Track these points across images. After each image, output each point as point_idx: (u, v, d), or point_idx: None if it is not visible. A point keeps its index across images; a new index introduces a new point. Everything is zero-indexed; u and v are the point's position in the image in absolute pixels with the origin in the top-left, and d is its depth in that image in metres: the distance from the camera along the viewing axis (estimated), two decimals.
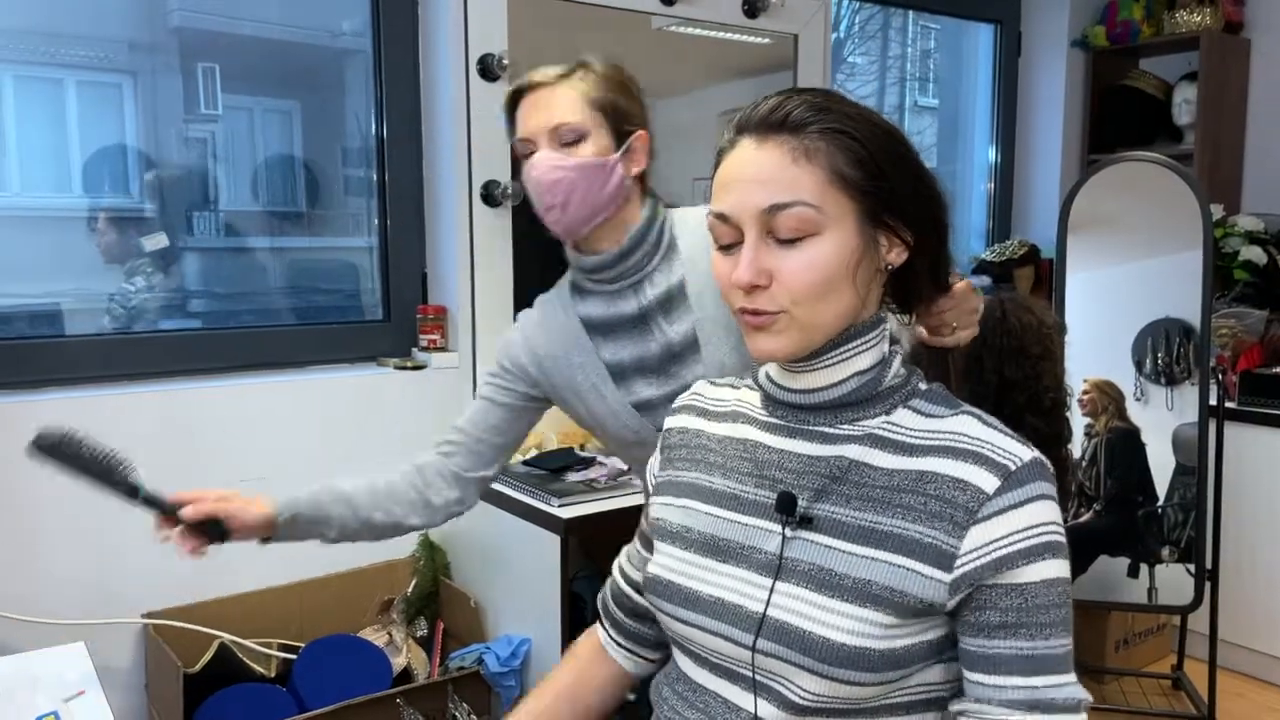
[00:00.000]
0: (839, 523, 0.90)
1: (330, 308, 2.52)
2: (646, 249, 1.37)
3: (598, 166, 1.31)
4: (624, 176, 1.34)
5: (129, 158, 2.27)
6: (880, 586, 0.86)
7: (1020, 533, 0.85)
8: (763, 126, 0.90)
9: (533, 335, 1.47)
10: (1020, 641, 0.85)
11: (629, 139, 1.34)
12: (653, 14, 2.59)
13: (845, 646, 0.85)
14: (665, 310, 1.37)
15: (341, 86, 2.54)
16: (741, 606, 0.91)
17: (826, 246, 0.88)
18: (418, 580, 2.27)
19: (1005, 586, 0.85)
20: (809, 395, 0.95)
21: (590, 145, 1.31)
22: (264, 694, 1.92)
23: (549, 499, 1.95)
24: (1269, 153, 3.53)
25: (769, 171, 0.88)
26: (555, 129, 1.30)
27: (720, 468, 1.00)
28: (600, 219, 1.34)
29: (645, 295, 1.37)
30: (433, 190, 2.41)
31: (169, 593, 2.02)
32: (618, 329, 1.40)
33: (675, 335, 1.36)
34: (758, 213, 0.88)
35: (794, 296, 0.89)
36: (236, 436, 2.10)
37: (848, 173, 0.88)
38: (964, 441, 0.89)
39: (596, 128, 1.31)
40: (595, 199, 1.32)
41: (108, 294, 2.22)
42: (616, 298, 1.39)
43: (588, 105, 1.31)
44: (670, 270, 1.37)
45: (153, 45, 2.29)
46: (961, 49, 3.99)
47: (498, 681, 2.00)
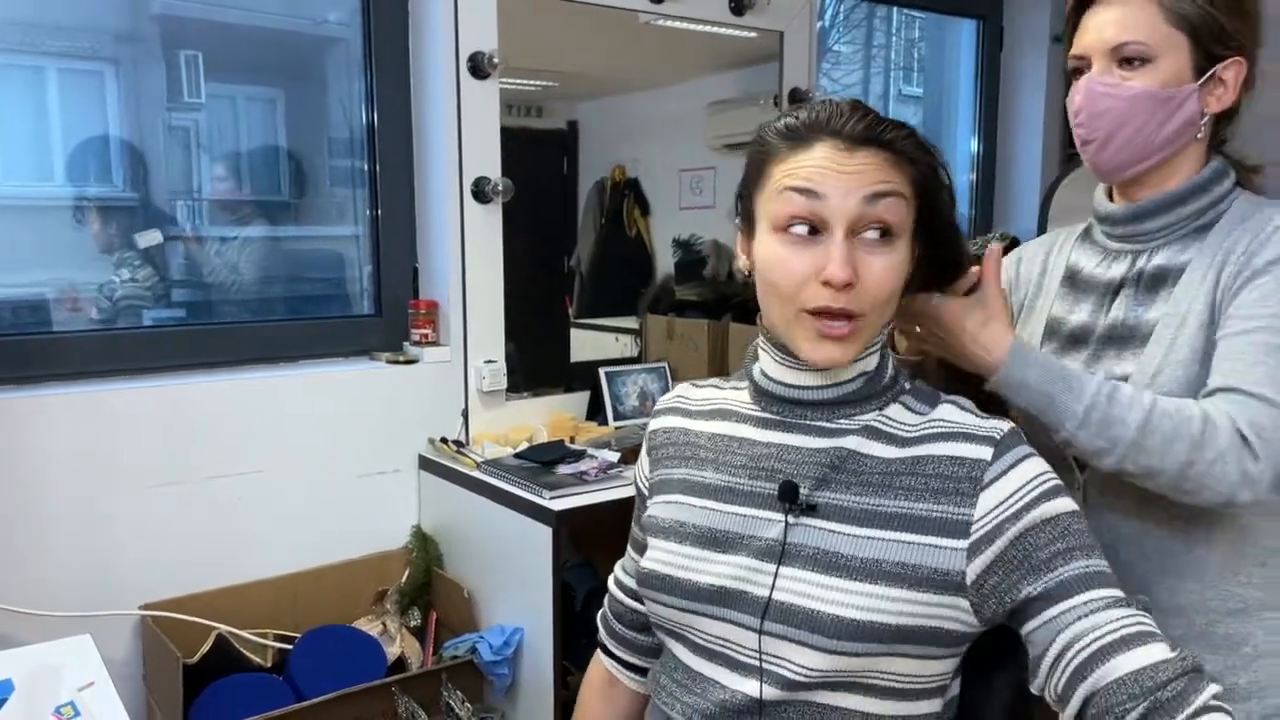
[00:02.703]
0: (842, 508, 0.94)
1: (317, 297, 2.54)
2: (1185, 214, 1.12)
3: (1160, 99, 1.07)
4: (1197, 113, 1.08)
5: (111, 146, 2.27)
6: (891, 564, 0.90)
7: (1026, 485, 0.90)
8: (854, 137, 0.92)
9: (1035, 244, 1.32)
10: (1079, 562, 0.88)
11: (1218, 66, 1.08)
12: (640, 11, 2.62)
13: (857, 621, 0.88)
14: (1146, 287, 1.14)
15: (326, 76, 2.54)
16: (746, 593, 0.94)
17: (901, 253, 0.94)
18: (411, 571, 2.30)
19: (1038, 525, 0.89)
20: (810, 391, 0.98)
21: (1157, 71, 1.07)
22: (261, 684, 1.95)
23: (540, 491, 1.98)
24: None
25: (865, 168, 0.91)
26: (1117, 47, 1.08)
27: (712, 463, 1.03)
28: (1146, 165, 1.11)
29: (1139, 264, 1.15)
30: (423, 185, 2.43)
31: (166, 584, 2.04)
32: (1089, 290, 1.19)
33: (1132, 318, 1.13)
34: (858, 200, 0.90)
35: (874, 300, 0.92)
36: (229, 431, 2.12)
37: (922, 182, 0.94)
38: (949, 426, 0.95)
39: (1172, 49, 1.07)
40: (1148, 139, 1.08)
41: (94, 285, 2.22)
42: (1114, 258, 1.18)
43: (1167, 20, 1.06)
44: (1185, 249, 1.12)
45: (134, 33, 2.29)
46: (944, 41, 4.03)
47: (490, 670, 2.04)
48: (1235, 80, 1.09)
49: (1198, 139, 1.11)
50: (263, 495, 2.17)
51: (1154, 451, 0.97)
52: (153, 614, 2.00)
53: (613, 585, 1.19)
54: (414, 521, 2.37)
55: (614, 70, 2.80)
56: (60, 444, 1.94)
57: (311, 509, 2.23)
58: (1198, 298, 1.08)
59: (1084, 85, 1.10)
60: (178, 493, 2.07)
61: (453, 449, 2.29)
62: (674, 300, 2.95)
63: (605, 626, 1.19)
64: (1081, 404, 0.99)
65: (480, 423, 2.43)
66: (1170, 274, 1.12)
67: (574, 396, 2.63)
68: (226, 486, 2.13)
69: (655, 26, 2.68)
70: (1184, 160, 1.11)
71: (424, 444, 2.36)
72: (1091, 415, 0.99)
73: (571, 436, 2.44)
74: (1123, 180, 1.14)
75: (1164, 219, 1.12)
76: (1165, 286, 1.12)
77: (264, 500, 2.17)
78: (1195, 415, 0.98)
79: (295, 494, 2.21)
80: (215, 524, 2.12)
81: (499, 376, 2.42)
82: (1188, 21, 1.06)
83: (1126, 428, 0.98)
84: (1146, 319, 1.12)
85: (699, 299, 2.88)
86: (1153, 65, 1.07)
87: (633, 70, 2.82)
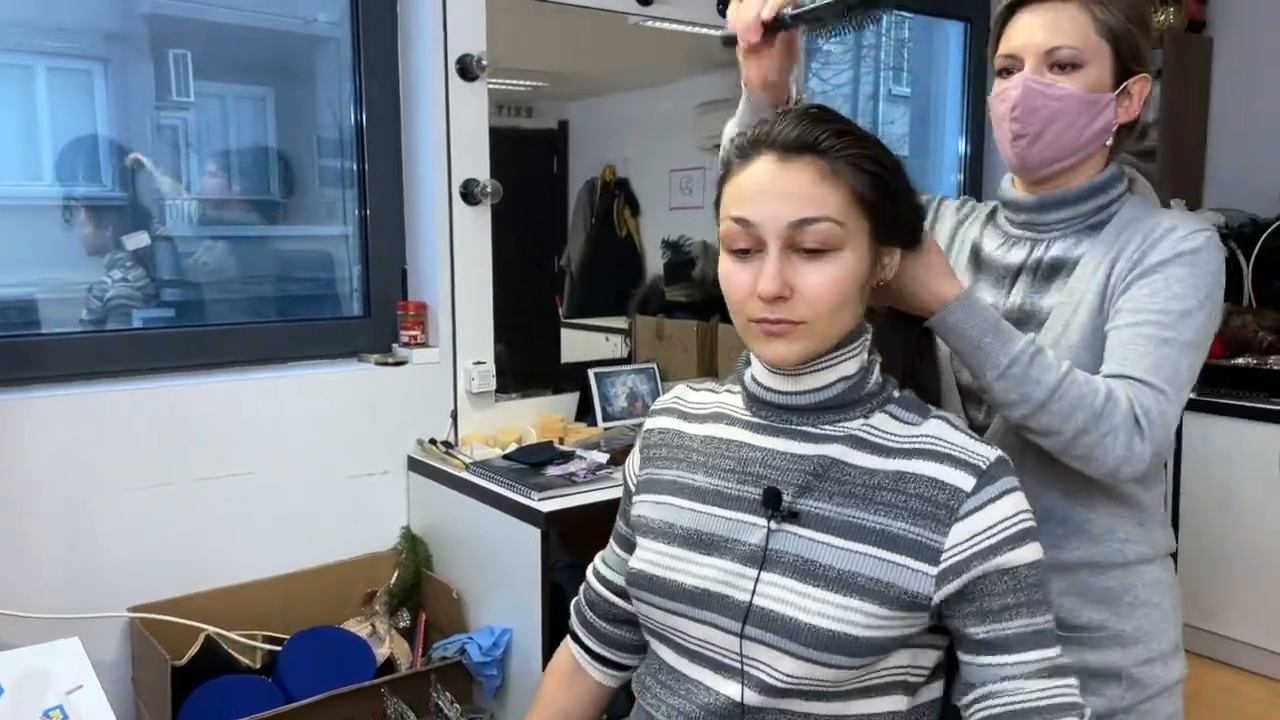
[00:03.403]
0: (823, 518, 0.95)
1: (306, 298, 2.54)
2: (1083, 211, 1.20)
3: (1088, 102, 1.14)
4: (1111, 121, 1.16)
5: (100, 146, 2.27)
6: (867, 578, 0.91)
7: (1001, 524, 0.92)
8: (787, 146, 0.94)
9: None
10: (1025, 619, 0.93)
11: (1129, 80, 1.16)
12: (629, 13, 2.62)
13: (830, 632, 0.90)
14: (1043, 276, 1.22)
15: (315, 75, 2.54)
16: (728, 596, 0.96)
17: (846, 263, 0.94)
18: (400, 572, 2.31)
19: (998, 573, 0.92)
20: (795, 397, 0.99)
21: (1086, 76, 1.13)
22: (250, 685, 1.95)
23: (529, 493, 1.99)
24: (1230, 150, 3.61)
25: (798, 188, 0.93)
26: (1051, 50, 1.13)
27: (702, 466, 1.05)
28: (1066, 164, 1.18)
29: (1036, 252, 1.23)
30: (412, 187, 2.44)
31: (154, 586, 2.04)
32: (990, 271, 1.27)
33: (1029, 303, 1.21)
34: (785, 225, 0.92)
35: (814, 309, 0.93)
36: (218, 433, 2.13)
37: (867, 195, 0.94)
38: (937, 445, 0.96)
39: (1099, 57, 1.14)
40: (1073, 139, 1.15)
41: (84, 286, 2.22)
42: (1013, 244, 1.26)
43: (1097, 30, 1.13)
44: (1079, 243, 1.20)
45: (123, 32, 2.29)
46: (933, 42, 4.05)
47: (479, 671, 2.05)
48: (1140, 95, 1.18)
49: (1105, 146, 1.19)
50: (251, 497, 2.17)
51: (1057, 414, 1.04)
52: (141, 616, 2.00)
53: (590, 574, 1.20)
54: (403, 523, 2.38)
55: (604, 71, 2.81)
56: (48, 446, 1.94)
57: (300, 510, 2.23)
58: (1090, 288, 1.16)
59: (1020, 82, 1.15)
60: (166, 494, 2.07)
61: (442, 450, 2.29)
62: (663, 301, 2.96)
63: (578, 614, 1.20)
64: (1007, 356, 1.05)
65: (469, 424, 2.43)
66: (1065, 265, 1.20)
67: (563, 398, 2.64)
68: (215, 488, 2.13)
69: (644, 27, 2.69)
70: (1089, 164, 1.20)
71: (413, 445, 2.37)
72: (1013, 369, 1.05)
73: (561, 438, 2.45)
74: (1040, 177, 1.21)
75: (1065, 213, 1.21)
76: (1060, 276, 1.20)
77: (253, 502, 2.17)
78: (1100, 390, 1.05)
79: (284, 495, 2.21)
80: (204, 526, 2.12)
81: (488, 378, 2.43)
82: (1113, 34, 1.14)
83: (1039, 387, 1.04)
84: (1042, 305, 1.20)
85: (688, 300, 2.89)
86: (1082, 71, 1.14)
87: (623, 71, 2.83)
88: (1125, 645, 1.18)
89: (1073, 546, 1.19)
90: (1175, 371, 1.08)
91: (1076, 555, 1.19)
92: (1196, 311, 1.10)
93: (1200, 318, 1.10)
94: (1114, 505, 1.19)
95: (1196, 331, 1.10)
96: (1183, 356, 1.09)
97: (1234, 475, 3.03)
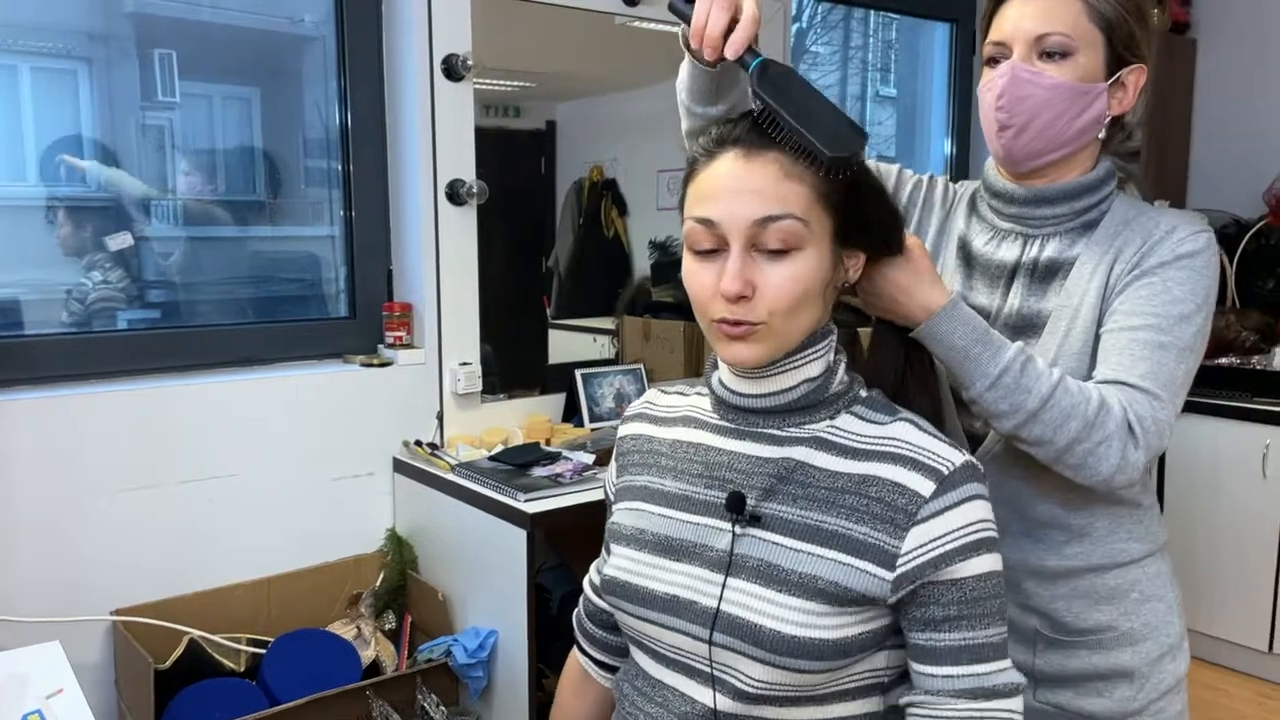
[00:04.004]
0: (786, 521, 0.95)
1: (291, 299, 2.52)
2: (1077, 209, 1.16)
3: (1078, 92, 1.09)
4: (1103, 112, 1.12)
5: (84, 146, 2.25)
6: (826, 581, 0.91)
7: (955, 532, 0.91)
8: (750, 144, 0.93)
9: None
10: (962, 633, 0.91)
11: (1124, 70, 1.11)
12: (615, 14, 2.62)
13: (795, 638, 0.90)
14: (1039, 278, 1.18)
15: (301, 75, 2.53)
16: (696, 603, 0.95)
17: (808, 261, 0.93)
18: (385, 574, 2.30)
19: (945, 583, 0.91)
20: (760, 399, 0.99)
21: (1076, 65, 1.09)
22: (235, 688, 1.94)
23: (515, 494, 1.98)
24: (1213, 150, 3.63)
25: (760, 185, 0.92)
26: (1040, 38, 1.09)
27: (672, 471, 1.04)
28: (1054, 156, 1.13)
29: (1030, 251, 1.19)
30: (397, 188, 2.43)
31: (138, 589, 2.03)
32: (983, 271, 1.23)
33: (1027, 307, 1.18)
34: (748, 224, 0.91)
35: (774, 308, 0.92)
36: (205, 434, 2.11)
37: (830, 193, 0.93)
38: (902, 447, 0.95)
39: (1090, 46, 1.09)
40: (1061, 130, 1.11)
41: (64, 287, 2.20)
42: (1002, 239, 1.21)
43: (1088, 16, 1.09)
44: (1073, 243, 1.16)
45: (108, 32, 2.27)
46: (918, 44, 4.06)
47: (465, 673, 2.04)
48: (1135, 86, 1.13)
49: (1098, 139, 1.15)
50: (236, 499, 2.16)
51: (1050, 423, 1.03)
52: (124, 619, 1.98)
53: (586, 584, 1.20)
54: (388, 525, 2.37)
55: (592, 71, 2.81)
56: (29, 448, 1.93)
57: (285, 512, 2.22)
58: (1089, 291, 1.13)
59: (1008, 70, 1.11)
60: (150, 497, 2.06)
61: (427, 452, 2.28)
62: (650, 302, 2.95)
63: (579, 626, 1.21)
64: (997, 366, 1.04)
65: (455, 425, 2.43)
66: (1061, 266, 1.16)
67: (549, 398, 2.63)
68: (199, 490, 2.12)
69: (631, 28, 2.69)
70: (1080, 159, 1.15)
71: (398, 447, 2.36)
72: (1004, 379, 1.03)
73: (547, 439, 2.45)
74: (1027, 170, 1.16)
75: (1059, 209, 1.16)
76: (1057, 278, 1.16)
77: (237, 504, 2.16)
78: (1094, 398, 1.03)
79: (268, 497, 2.20)
80: (188, 528, 2.10)
81: (474, 379, 2.42)
82: (1106, 21, 1.09)
83: (1032, 396, 1.03)
84: (1040, 309, 1.17)
85: (675, 301, 2.89)
86: (1072, 59, 1.09)
87: (610, 71, 2.83)
88: (1135, 643, 1.18)
89: (1076, 552, 1.18)
90: (1172, 377, 1.07)
91: (1080, 560, 1.18)
92: (1194, 315, 1.09)
93: (1198, 321, 1.09)
94: (1113, 507, 1.18)
95: (1194, 336, 1.09)
96: (1180, 361, 1.08)
97: (1218, 474, 3.05)
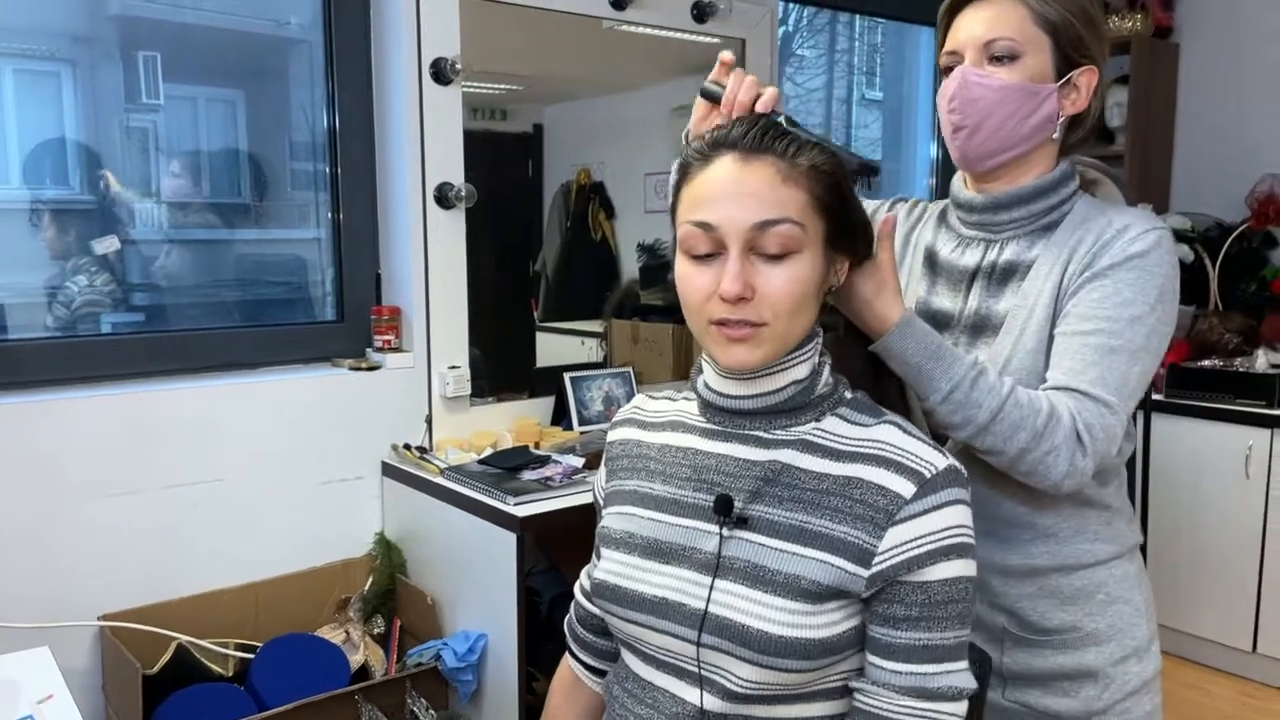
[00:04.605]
0: (772, 522, 0.96)
1: (278, 302, 2.52)
2: (1035, 210, 1.20)
3: (1027, 92, 1.14)
4: (1055, 112, 1.16)
5: (68, 148, 2.24)
6: (810, 581, 0.92)
7: (930, 535, 0.92)
8: (748, 147, 0.95)
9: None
10: (917, 634, 0.93)
11: (1074, 72, 1.16)
12: (603, 18, 2.63)
13: (782, 638, 0.91)
14: (997, 280, 1.22)
15: (287, 78, 2.52)
16: (684, 605, 0.97)
17: (805, 265, 0.95)
18: (374, 578, 2.30)
19: (912, 584, 0.93)
20: (747, 401, 1.00)
21: (1024, 67, 1.14)
22: (223, 694, 1.94)
23: (505, 497, 1.98)
24: (1196, 154, 3.67)
25: (758, 188, 0.93)
26: (988, 43, 1.15)
27: (660, 474, 1.06)
28: (1009, 155, 1.17)
29: (990, 255, 1.23)
30: (386, 191, 2.43)
31: (125, 595, 2.02)
32: (946, 275, 1.27)
33: (984, 308, 1.22)
34: (747, 227, 0.93)
35: (775, 311, 0.94)
36: (190, 439, 2.11)
37: (825, 197, 0.95)
38: (885, 450, 0.96)
39: (1037, 48, 1.14)
40: (1012, 130, 1.15)
41: (49, 291, 2.19)
42: (967, 245, 1.26)
43: (1034, 21, 1.14)
44: (1032, 245, 1.20)
45: (91, 34, 2.26)
46: (904, 47, 4.09)
47: (455, 676, 2.04)
48: (1087, 87, 1.18)
49: (1053, 139, 1.18)
50: (224, 503, 2.15)
51: (999, 435, 1.07)
52: (112, 624, 1.97)
53: (577, 590, 1.21)
54: (377, 528, 2.37)
55: (579, 74, 2.81)
56: (14, 452, 1.91)
57: (273, 517, 2.22)
58: (1044, 291, 1.16)
59: (958, 74, 1.16)
60: (137, 502, 2.05)
61: (416, 455, 2.28)
62: (639, 304, 2.96)
63: (570, 631, 1.22)
64: (949, 382, 1.07)
65: (444, 429, 2.43)
66: (1019, 268, 1.20)
67: (539, 402, 2.64)
68: (187, 495, 2.11)
69: (619, 31, 2.70)
70: (1038, 160, 1.19)
71: (387, 450, 2.36)
72: (954, 394, 1.07)
73: (536, 442, 2.45)
74: (983, 170, 1.21)
75: (1016, 212, 1.20)
76: (1014, 280, 1.20)
77: (225, 508, 2.16)
78: (1043, 410, 1.07)
79: (257, 502, 2.20)
80: (176, 533, 2.10)
81: (463, 382, 2.42)
82: (1051, 24, 1.14)
83: (981, 410, 1.07)
84: (997, 310, 1.21)
85: (664, 303, 2.89)
86: (1020, 62, 1.14)
87: (597, 74, 2.83)
88: (1099, 644, 1.20)
89: (1040, 551, 1.20)
90: (1123, 381, 1.10)
91: (1045, 559, 1.20)
92: (1147, 316, 1.11)
93: (1151, 321, 1.11)
94: (1078, 507, 1.20)
95: (1147, 336, 1.11)
96: (1132, 364, 1.10)
97: (1201, 475, 3.08)
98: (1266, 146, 3.44)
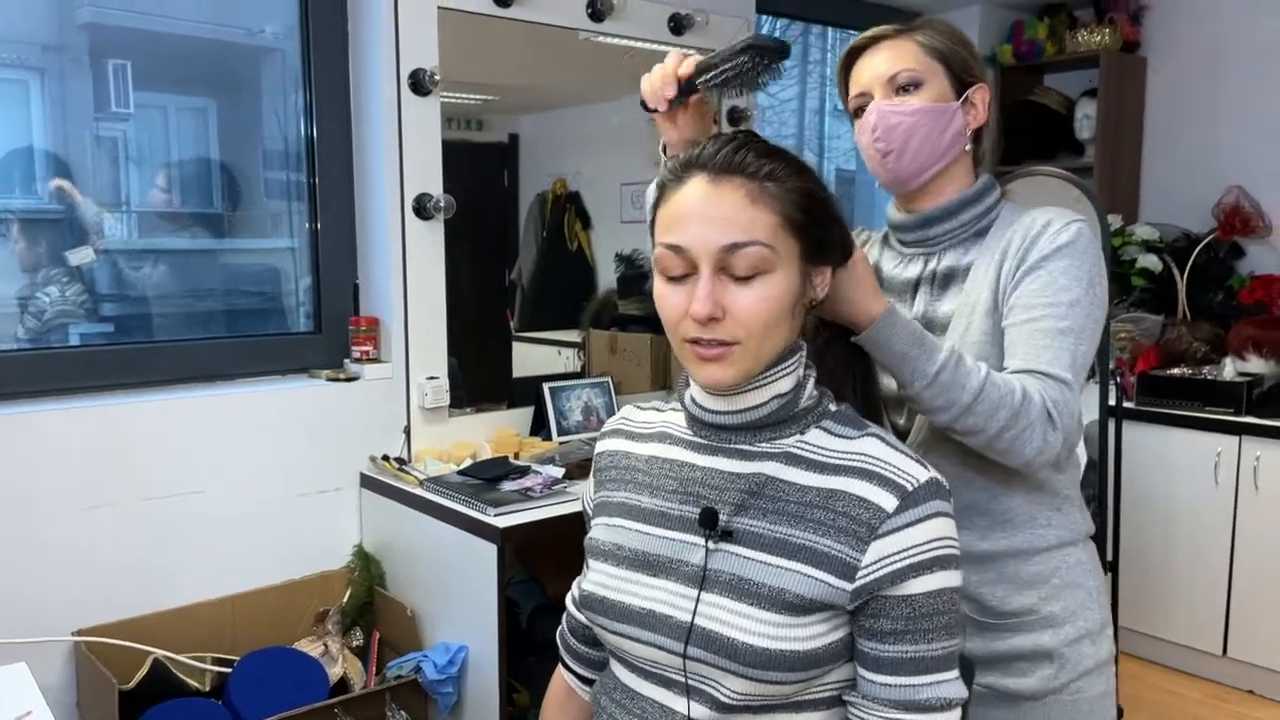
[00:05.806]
0: (756, 535, 0.97)
1: (254, 312, 2.50)
2: (964, 220, 1.31)
3: (937, 111, 1.27)
4: (963, 126, 1.29)
5: (37, 158, 2.22)
6: (794, 594, 0.93)
7: (914, 548, 0.93)
8: (717, 167, 0.96)
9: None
10: (904, 646, 0.94)
11: (969, 90, 1.29)
12: (580, 29, 2.64)
13: (767, 650, 0.92)
14: (939, 285, 1.33)
15: (260, 87, 2.51)
16: (671, 617, 0.97)
17: (777, 284, 0.96)
18: (353, 591, 2.28)
19: (897, 598, 0.94)
20: (730, 416, 1.01)
21: (928, 91, 1.27)
22: (200, 709, 1.92)
23: (485, 508, 1.98)
24: (1164, 166, 3.73)
25: (727, 211, 0.94)
26: (892, 77, 1.27)
27: (648, 487, 1.06)
28: (934, 170, 1.29)
29: (930, 265, 1.34)
30: (364, 201, 2.42)
31: (100, 610, 2.00)
32: (891, 288, 1.37)
33: (930, 311, 1.32)
34: (716, 249, 0.94)
35: (748, 330, 0.95)
36: (165, 451, 2.09)
37: (796, 217, 0.96)
38: (868, 462, 0.97)
39: (934, 75, 1.28)
40: (933, 146, 1.27)
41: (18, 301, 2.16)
42: (908, 262, 1.36)
43: (926, 53, 1.28)
44: (967, 251, 1.32)
45: (60, 43, 2.24)
46: None
47: (435, 689, 2.03)
48: (983, 102, 1.31)
49: (965, 151, 1.31)
50: (200, 516, 2.13)
51: (982, 414, 1.13)
52: (87, 640, 1.95)
53: (569, 600, 1.21)
54: (356, 540, 2.35)
55: (555, 84, 2.82)
56: None
57: (250, 529, 2.20)
58: (983, 289, 1.27)
59: (874, 108, 1.28)
60: (112, 515, 2.03)
61: (395, 467, 2.28)
62: (616, 314, 2.97)
63: (562, 642, 1.22)
64: (934, 365, 1.13)
65: (423, 440, 2.42)
66: (958, 273, 1.31)
67: (517, 412, 2.64)
68: (162, 508, 2.09)
69: (595, 42, 2.71)
70: (956, 174, 1.32)
71: (365, 462, 2.35)
72: (940, 376, 1.13)
73: (515, 452, 2.45)
74: (913, 189, 1.32)
75: (946, 225, 1.32)
76: (955, 283, 1.31)
77: (201, 521, 2.14)
78: (1016, 389, 1.14)
79: (233, 514, 2.18)
80: (151, 546, 2.08)
81: (441, 393, 2.42)
82: (940, 53, 1.28)
83: (965, 391, 1.12)
84: (942, 311, 1.31)
85: (642, 313, 2.90)
86: (924, 88, 1.27)
87: (574, 84, 2.84)
88: (1055, 626, 1.26)
89: (998, 536, 1.27)
90: (1074, 358, 1.18)
91: (1002, 545, 1.27)
92: (1084, 299, 1.20)
93: (1087, 303, 1.20)
94: (1032, 493, 1.27)
95: (1086, 317, 1.20)
96: (1079, 342, 1.19)
97: (1171, 482, 3.12)
98: (1232, 159, 3.51)
